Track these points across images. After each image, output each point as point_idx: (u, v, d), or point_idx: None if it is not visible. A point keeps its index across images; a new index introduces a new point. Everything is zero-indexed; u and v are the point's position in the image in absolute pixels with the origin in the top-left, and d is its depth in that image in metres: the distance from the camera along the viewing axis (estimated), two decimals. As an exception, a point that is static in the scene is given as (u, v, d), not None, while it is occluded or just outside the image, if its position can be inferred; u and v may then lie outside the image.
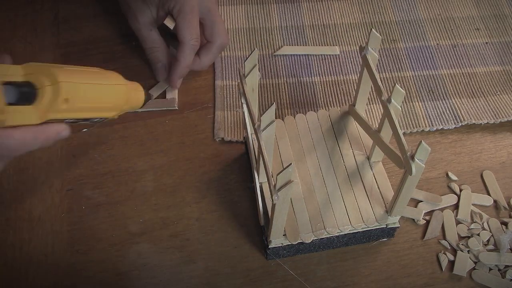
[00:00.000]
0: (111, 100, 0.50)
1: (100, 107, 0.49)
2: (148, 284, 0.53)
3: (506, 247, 0.54)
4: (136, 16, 0.63)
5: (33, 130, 0.42)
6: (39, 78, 0.42)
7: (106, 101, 0.49)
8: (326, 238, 0.52)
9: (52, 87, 0.42)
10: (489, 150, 0.63)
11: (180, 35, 0.61)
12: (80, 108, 0.46)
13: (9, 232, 0.55)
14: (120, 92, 0.51)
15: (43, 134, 0.43)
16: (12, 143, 0.40)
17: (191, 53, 0.62)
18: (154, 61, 0.65)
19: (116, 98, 0.51)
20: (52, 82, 0.42)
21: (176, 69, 0.63)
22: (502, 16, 0.76)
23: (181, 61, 0.62)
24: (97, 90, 0.48)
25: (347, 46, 0.72)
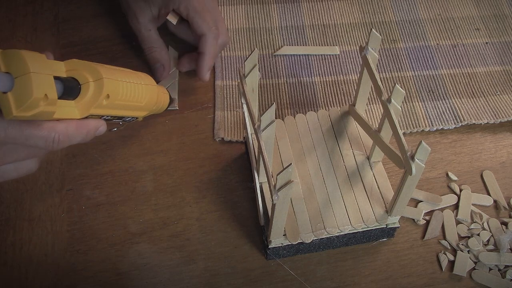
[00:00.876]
0: (145, 99, 0.51)
1: (134, 105, 0.50)
2: (148, 284, 0.53)
3: (506, 247, 0.54)
4: (136, 16, 0.63)
5: (76, 124, 0.43)
6: (82, 74, 0.44)
7: (140, 100, 0.50)
8: (326, 238, 0.52)
9: (95, 83, 0.44)
10: (489, 150, 0.63)
11: (198, 28, 0.61)
12: (118, 105, 0.47)
13: (9, 232, 0.55)
14: (152, 92, 0.53)
15: (85, 128, 0.44)
16: (57, 136, 0.41)
17: (214, 42, 0.62)
18: (153, 62, 0.65)
19: (149, 98, 0.52)
20: (95, 78, 0.44)
21: (203, 61, 0.62)
22: (502, 16, 0.76)
23: (207, 51, 0.62)
24: (134, 88, 0.49)
25: (347, 46, 0.72)
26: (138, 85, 0.50)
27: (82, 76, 0.44)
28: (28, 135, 0.40)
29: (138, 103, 0.51)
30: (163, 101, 0.58)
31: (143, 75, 0.53)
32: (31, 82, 0.37)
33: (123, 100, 0.48)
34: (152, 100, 0.53)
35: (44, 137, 0.40)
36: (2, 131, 0.38)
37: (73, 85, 0.43)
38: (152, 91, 0.53)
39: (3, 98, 0.37)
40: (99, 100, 0.44)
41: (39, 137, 0.40)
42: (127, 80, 0.48)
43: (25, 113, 0.37)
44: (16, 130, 0.39)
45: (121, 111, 0.49)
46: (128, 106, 0.49)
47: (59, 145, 0.42)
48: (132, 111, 0.51)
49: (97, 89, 0.44)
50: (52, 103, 0.39)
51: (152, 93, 0.53)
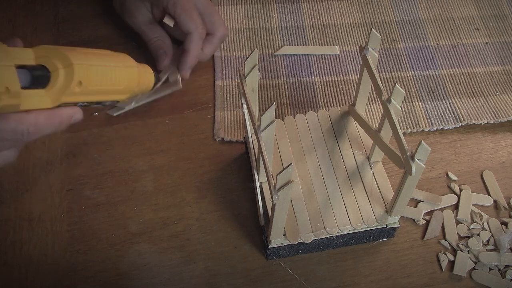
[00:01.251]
0: (123, 82, 0.49)
1: (112, 89, 0.48)
2: (148, 284, 0.53)
3: (506, 247, 0.54)
4: (134, 13, 0.63)
5: (46, 114, 0.41)
6: (51, 61, 0.41)
7: (119, 84, 0.48)
8: (326, 238, 0.52)
9: (65, 70, 0.41)
10: (489, 150, 0.63)
11: (185, 26, 0.61)
12: (93, 91, 0.45)
13: (9, 232, 0.55)
14: (131, 74, 0.50)
15: (57, 118, 0.42)
16: (25, 128, 0.40)
17: (199, 41, 0.62)
18: (156, 50, 0.64)
19: (128, 80, 0.50)
20: (65, 65, 0.41)
21: (186, 58, 0.62)
22: (502, 16, 0.76)
23: (191, 50, 0.62)
24: (110, 72, 0.47)
25: (347, 46, 0.72)
26: (116, 67, 0.47)
27: (52, 63, 0.41)
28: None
29: (117, 87, 0.48)
30: (146, 81, 0.55)
31: (122, 56, 0.50)
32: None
33: (98, 85, 0.45)
34: (132, 82, 0.51)
35: (12, 130, 0.39)
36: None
37: (42, 74, 0.41)
38: (132, 73, 0.50)
39: None
40: (70, 87, 0.41)
41: (7, 130, 0.39)
42: (102, 63, 0.46)
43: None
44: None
45: (98, 96, 0.46)
46: (105, 90, 0.47)
47: (29, 137, 0.40)
48: (110, 95, 0.48)
49: (67, 76, 0.41)
50: (15, 96, 0.37)
51: (132, 75, 0.50)
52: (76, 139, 0.62)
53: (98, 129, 0.63)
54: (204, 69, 0.68)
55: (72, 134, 0.62)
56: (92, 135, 0.62)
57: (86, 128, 0.63)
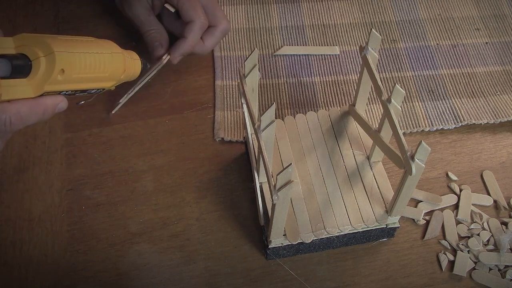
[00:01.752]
0: (108, 69, 0.47)
1: (97, 77, 0.47)
2: (148, 284, 0.53)
3: (506, 247, 0.54)
4: (133, 4, 0.63)
5: (29, 103, 0.41)
6: (32, 49, 0.40)
7: (103, 71, 0.47)
8: (326, 238, 0.52)
9: (46, 58, 0.40)
10: (489, 150, 0.63)
11: (188, 16, 0.61)
12: (76, 79, 0.44)
13: (9, 232, 0.55)
14: (117, 60, 0.49)
15: (40, 107, 0.41)
16: (8, 117, 0.39)
17: (199, 32, 0.62)
18: (152, 42, 0.63)
19: (113, 67, 0.48)
20: (46, 53, 0.40)
21: (180, 44, 0.61)
22: (502, 16, 0.76)
23: (189, 38, 0.61)
24: (93, 59, 0.45)
25: (347, 46, 0.72)
26: (100, 54, 0.46)
27: (33, 51, 0.40)
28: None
29: (102, 74, 0.46)
30: (133, 68, 0.53)
31: (107, 42, 0.49)
32: None
33: (81, 73, 0.44)
34: (118, 69, 0.49)
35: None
36: None
37: (23, 63, 0.40)
38: (117, 60, 0.49)
39: None
40: (52, 76, 0.40)
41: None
42: (86, 51, 0.44)
43: None
44: None
45: (82, 84, 0.45)
46: (89, 78, 0.45)
47: (12, 127, 0.40)
48: (95, 83, 0.47)
49: (49, 64, 0.40)
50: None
51: (117, 61, 0.49)
52: (76, 139, 0.62)
53: (98, 129, 0.63)
54: (204, 69, 0.68)
55: (72, 134, 0.62)
56: (92, 135, 0.62)
57: (86, 128, 0.63)
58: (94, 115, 0.63)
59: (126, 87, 0.61)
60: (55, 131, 0.62)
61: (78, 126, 0.63)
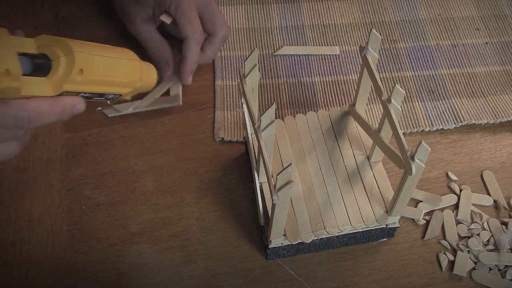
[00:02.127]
0: (125, 74, 0.49)
1: (114, 81, 0.48)
2: (148, 284, 0.53)
3: (506, 247, 0.54)
4: (134, 19, 0.63)
5: (48, 101, 0.41)
6: (52, 49, 0.42)
7: (120, 75, 0.48)
8: (326, 238, 0.52)
9: (66, 57, 0.42)
10: (489, 150, 0.63)
11: (183, 31, 0.61)
12: (94, 81, 0.45)
13: (9, 232, 0.55)
14: (134, 67, 0.50)
15: (59, 106, 0.42)
16: (27, 114, 0.40)
17: (197, 47, 0.62)
18: (157, 60, 0.64)
19: (130, 73, 0.50)
20: (66, 53, 0.42)
21: (185, 65, 0.62)
22: (502, 16, 0.76)
23: (188, 56, 0.62)
24: (111, 63, 0.47)
25: (347, 46, 0.72)
26: (118, 59, 0.47)
27: (53, 51, 0.42)
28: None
29: (119, 79, 0.48)
30: (149, 77, 0.55)
31: (125, 50, 0.50)
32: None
33: (100, 75, 0.45)
34: (135, 76, 0.51)
35: (13, 115, 0.39)
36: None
37: (43, 61, 0.41)
38: (134, 66, 0.50)
39: None
40: (71, 75, 0.41)
41: (8, 115, 0.39)
42: (104, 54, 0.46)
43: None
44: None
45: (100, 87, 0.46)
46: (107, 81, 0.47)
47: (30, 124, 0.40)
48: (112, 87, 0.48)
49: (68, 63, 0.42)
50: (16, 79, 0.37)
51: (135, 68, 0.50)
52: (76, 139, 0.62)
53: (98, 129, 0.63)
54: (204, 69, 0.68)
55: (72, 134, 0.62)
56: (92, 135, 0.62)
57: (86, 128, 0.63)
58: (94, 115, 0.63)
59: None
60: (55, 131, 0.62)
61: (78, 126, 0.63)
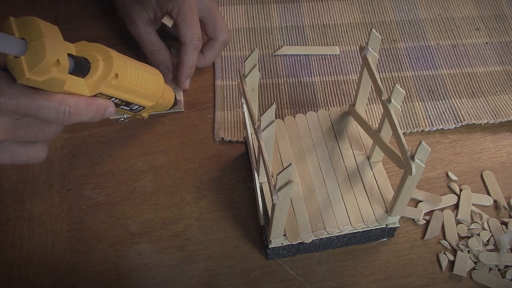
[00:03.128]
0: (151, 87, 0.52)
1: (141, 92, 0.50)
2: (148, 284, 0.53)
3: (506, 247, 0.54)
4: (134, 20, 0.63)
5: (86, 99, 0.44)
6: (92, 53, 0.45)
7: (147, 88, 0.51)
8: (326, 238, 0.52)
9: (104, 61, 0.45)
10: (489, 150, 0.63)
11: (182, 36, 0.61)
12: (126, 88, 0.48)
13: (9, 232, 0.55)
14: (159, 82, 0.54)
15: (94, 105, 0.44)
16: (68, 108, 0.41)
17: (194, 53, 0.62)
18: (156, 64, 0.64)
19: (155, 87, 0.53)
20: (105, 57, 0.45)
21: (181, 70, 0.63)
22: (502, 16, 0.76)
23: (185, 61, 0.62)
24: (141, 74, 0.50)
25: (347, 46, 0.72)
26: (146, 72, 0.51)
27: (92, 55, 0.44)
28: (39, 105, 0.40)
29: (145, 90, 0.51)
30: (168, 97, 0.58)
31: (150, 67, 0.53)
32: (45, 46, 0.37)
33: (131, 83, 0.48)
34: (159, 91, 0.54)
35: (55, 108, 0.41)
36: (14, 100, 0.38)
37: (84, 63, 0.44)
38: (159, 82, 0.54)
39: (16, 62, 0.37)
40: (108, 78, 0.44)
41: (50, 108, 0.40)
42: (135, 65, 0.49)
43: (37, 76, 0.37)
44: (28, 100, 0.39)
45: (129, 95, 0.49)
46: (135, 91, 0.50)
47: (69, 119, 0.42)
48: (139, 98, 0.51)
49: (106, 67, 0.45)
50: (64, 70, 0.39)
51: (159, 83, 0.54)
52: (76, 139, 0.62)
53: (98, 129, 0.63)
54: (204, 69, 0.68)
55: (72, 134, 0.62)
56: (92, 135, 0.62)
57: (86, 128, 0.63)
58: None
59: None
60: (55, 131, 0.62)
61: (78, 126, 0.63)
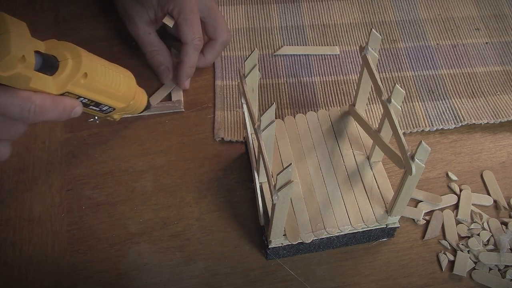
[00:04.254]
0: (122, 89, 0.51)
1: (111, 93, 0.50)
2: (148, 284, 0.53)
3: (506, 247, 0.54)
4: (134, 20, 0.63)
5: (52, 98, 0.43)
6: (61, 52, 0.45)
7: (118, 89, 0.51)
8: (326, 238, 0.52)
9: (73, 60, 0.44)
10: (489, 150, 0.63)
11: (183, 36, 0.61)
12: (95, 88, 0.47)
13: (9, 232, 0.55)
14: (130, 84, 0.53)
15: (61, 104, 0.44)
16: (33, 106, 0.41)
17: (195, 53, 0.62)
18: (156, 65, 0.65)
19: (126, 89, 0.52)
20: (74, 56, 0.45)
21: (181, 70, 0.63)
22: (502, 16, 0.76)
23: (186, 61, 0.62)
24: (112, 75, 0.50)
25: (347, 46, 0.72)
26: (117, 73, 0.51)
27: (61, 54, 0.44)
28: (3, 102, 0.40)
29: (116, 91, 0.51)
30: (141, 99, 0.57)
31: (123, 69, 0.53)
32: (10, 41, 0.37)
33: (100, 83, 0.48)
34: (130, 92, 0.53)
35: (20, 105, 0.40)
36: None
37: (52, 60, 0.43)
38: (131, 83, 0.53)
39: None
40: (76, 77, 0.44)
41: (15, 105, 0.40)
42: (106, 66, 0.49)
43: (1, 72, 0.37)
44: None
45: (98, 95, 0.49)
46: (105, 91, 0.49)
47: (34, 117, 0.42)
48: (109, 99, 0.51)
49: (75, 66, 0.44)
50: (29, 67, 0.39)
51: (131, 85, 0.53)
52: (76, 139, 0.62)
53: (98, 129, 0.63)
54: (204, 69, 0.68)
55: (72, 134, 0.62)
56: (92, 135, 0.62)
57: (86, 128, 0.63)
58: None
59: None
60: (55, 131, 0.62)
61: (78, 126, 0.63)
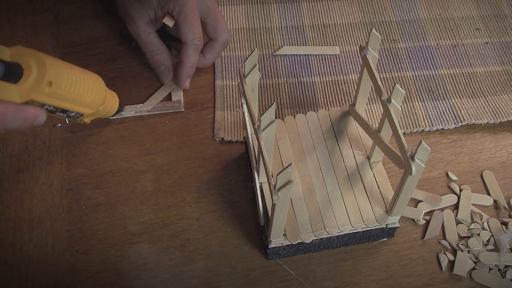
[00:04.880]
0: (90, 96, 0.51)
1: (79, 100, 0.50)
2: (148, 284, 0.53)
3: (506, 247, 0.54)
4: (134, 20, 0.63)
5: (13, 107, 0.43)
6: (26, 59, 0.43)
7: (85, 96, 0.50)
8: (326, 238, 0.52)
9: (38, 68, 0.43)
10: (489, 150, 0.63)
11: (183, 36, 0.61)
12: (61, 96, 0.47)
13: (9, 232, 0.55)
14: (99, 90, 0.53)
15: (23, 113, 0.43)
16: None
17: (195, 53, 0.62)
18: (156, 65, 0.65)
19: (95, 95, 0.52)
20: (38, 64, 0.44)
21: (181, 70, 0.63)
22: (502, 16, 0.76)
23: (186, 61, 0.62)
24: (79, 81, 0.49)
25: (347, 46, 0.72)
26: (85, 80, 0.50)
27: (26, 61, 0.43)
28: None
29: (84, 98, 0.50)
30: (111, 104, 0.57)
31: (94, 74, 0.53)
32: None
33: (67, 91, 0.47)
34: (99, 98, 0.53)
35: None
36: None
37: (16, 68, 0.43)
38: (100, 90, 0.53)
39: None
40: (40, 85, 0.43)
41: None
42: (73, 73, 0.48)
43: None
44: None
45: (65, 102, 0.48)
46: (72, 99, 0.49)
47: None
48: (76, 106, 0.50)
49: (39, 74, 0.43)
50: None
51: (100, 91, 0.53)
52: (76, 139, 0.62)
53: (98, 129, 0.63)
54: (204, 69, 0.68)
55: (72, 134, 0.62)
56: (92, 135, 0.62)
57: (86, 128, 0.63)
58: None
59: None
60: (55, 131, 0.62)
61: (78, 126, 0.63)
